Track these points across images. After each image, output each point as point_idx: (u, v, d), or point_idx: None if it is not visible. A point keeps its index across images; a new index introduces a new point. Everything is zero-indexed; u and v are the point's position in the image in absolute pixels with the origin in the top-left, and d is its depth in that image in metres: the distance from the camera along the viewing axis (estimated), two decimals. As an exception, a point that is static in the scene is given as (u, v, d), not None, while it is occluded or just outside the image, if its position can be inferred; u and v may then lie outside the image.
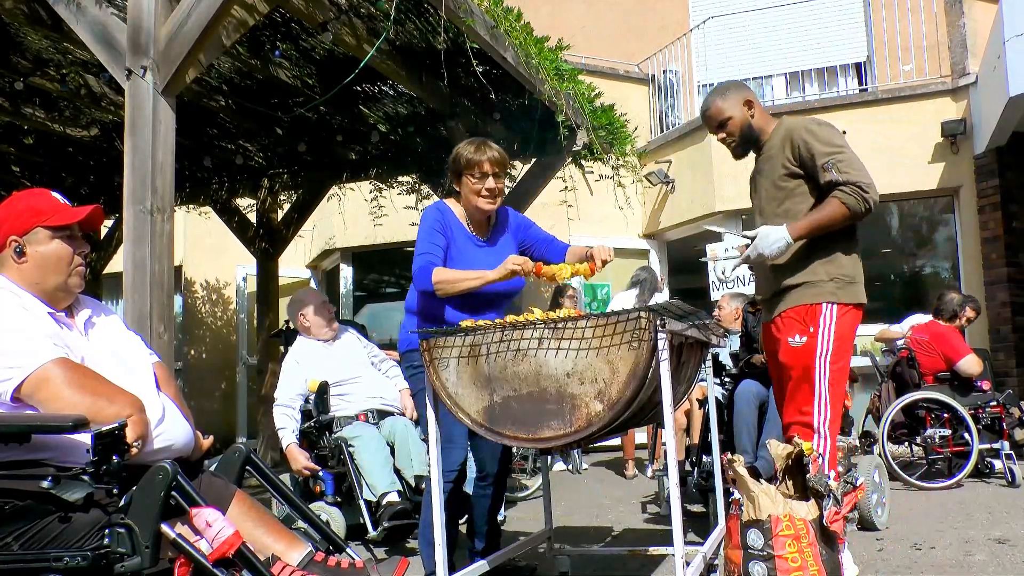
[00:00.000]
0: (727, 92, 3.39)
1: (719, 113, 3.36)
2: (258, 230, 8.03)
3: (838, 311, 3.11)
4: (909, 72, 9.29)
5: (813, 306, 3.12)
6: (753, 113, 3.33)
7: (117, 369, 2.31)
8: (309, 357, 4.81)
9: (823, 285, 3.13)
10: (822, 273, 3.14)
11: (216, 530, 1.96)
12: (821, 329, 3.10)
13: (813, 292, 3.14)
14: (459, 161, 3.26)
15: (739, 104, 3.33)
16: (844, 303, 3.12)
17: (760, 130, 3.33)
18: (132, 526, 1.93)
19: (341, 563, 2.31)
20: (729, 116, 3.33)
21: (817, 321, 3.11)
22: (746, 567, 2.71)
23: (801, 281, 3.17)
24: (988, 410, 5.98)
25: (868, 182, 3.04)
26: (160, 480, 1.96)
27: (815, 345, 3.09)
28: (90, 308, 2.47)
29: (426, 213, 3.30)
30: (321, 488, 4.61)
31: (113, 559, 1.92)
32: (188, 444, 2.38)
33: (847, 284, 3.14)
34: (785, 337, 3.19)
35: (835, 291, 3.12)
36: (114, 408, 2.09)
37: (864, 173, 3.06)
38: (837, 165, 3.06)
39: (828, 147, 3.10)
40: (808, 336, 3.11)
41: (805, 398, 3.11)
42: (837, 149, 3.10)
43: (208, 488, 2.29)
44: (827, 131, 3.17)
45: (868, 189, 3.03)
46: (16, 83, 5.54)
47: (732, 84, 3.48)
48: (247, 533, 2.16)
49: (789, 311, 3.18)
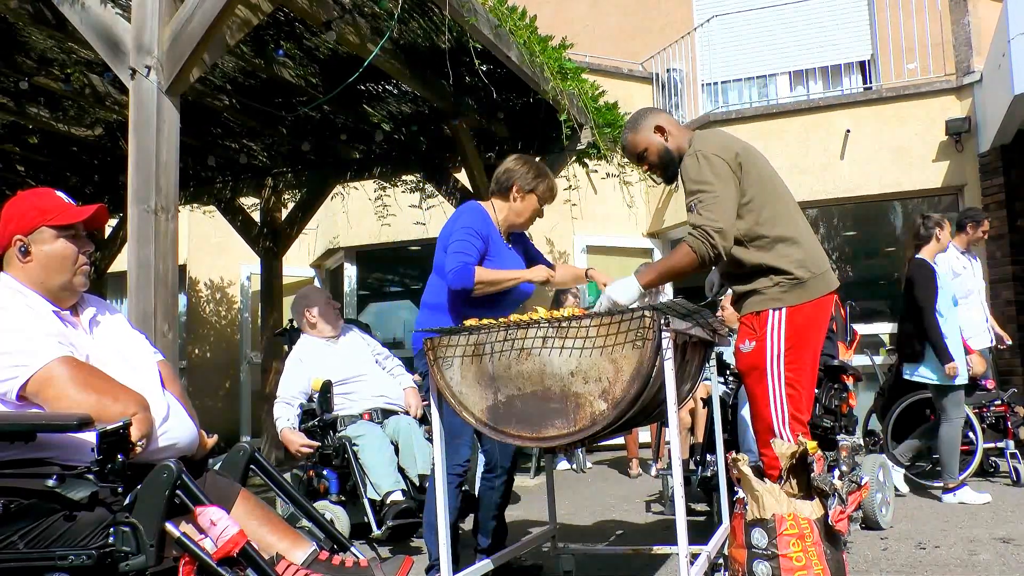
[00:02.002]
0: (636, 123, 3.33)
1: (634, 147, 3.32)
2: (262, 229, 8.03)
3: (787, 314, 3.05)
4: (913, 70, 9.27)
5: (760, 314, 3.09)
6: (667, 136, 3.27)
7: (122, 367, 2.31)
8: (312, 355, 4.82)
9: (767, 291, 3.08)
10: (764, 280, 3.09)
11: (220, 529, 1.96)
12: (769, 334, 3.05)
13: (759, 299, 3.11)
14: (522, 180, 3.46)
15: (650, 132, 3.28)
16: (794, 305, 3.06)
17: (680, 151, 3.25)
18: (136, 525, 1.94)
19: (345, 562, 2.32)
20: (644, 147, 3.29)
21: (764, 326, 3.07)
22: (750, 566, 2.71)
23: (747, 289, 3.15)
24: (992, 409, 5.96)
25: (719, 227, 2.94)
26: (165, 479, 1.96)
27: (764, 349, 3.06)
28: (95, 306, 2.47)
29: (467, 213, 3.40)
30: (325, 487, 4.61)
31: (118, 558, 1.93)
32: (192, 442, 2.39)
33: (793, 285, 3.06)
34: (738, 344, 3.19)
35: (780, 295, 3.06)
36: (119, 407, 2.09)
37: (722, 214, 2.97)
38: (698, 206, 3.00)
39: (694, 185, 3.04)
40: (756, 340, 3.08)
41: (763, 401, 3.07)
42: (701, 187, 3.01)
43: (212, 487, 2.30)
44: (700, 166, 3.05)
45: (715, 235, 2.93)
46: (20, 83, 5.55)
47: (640, 113, 3.39)
48: (251, 532, 2.16)
49: (742, 319, 3.18)
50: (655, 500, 5.74)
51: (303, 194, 7.84)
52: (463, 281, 3.21)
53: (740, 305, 3.21)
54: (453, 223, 3.40)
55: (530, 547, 3.64)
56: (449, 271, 3.24)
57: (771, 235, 3.08)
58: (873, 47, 10.16)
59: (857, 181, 8.64)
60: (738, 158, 3.07)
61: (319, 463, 4.70)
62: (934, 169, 8.57)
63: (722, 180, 3.00)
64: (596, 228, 9.63)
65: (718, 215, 2.95)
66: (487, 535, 3.63)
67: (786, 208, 3.16)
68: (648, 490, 6.26)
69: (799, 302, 3.06)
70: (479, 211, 3.43)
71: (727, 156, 3.05)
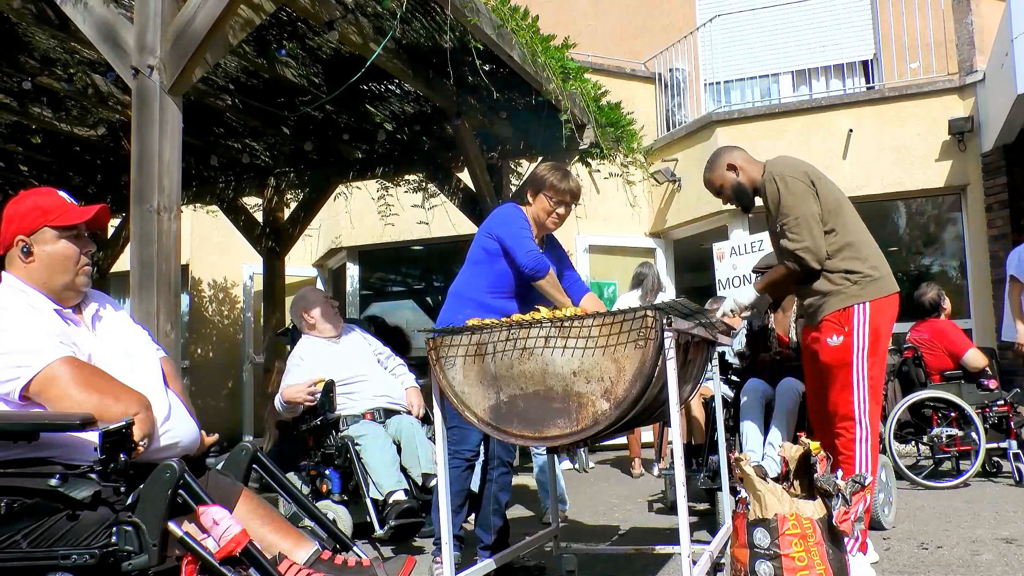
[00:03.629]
0: (712, 164, 3.87)
1: (711, 185, 3.89)
2: (264, 229, 8.04)
3: (870, 308, 3.49)
4: (916, 70, 9.25)
5: (846, 310, 3.51)
6: (739, 172, 3.78)
7: (124, 365, 2.32)
8: (314, 355, 4.82)
9: (848, 289, 3.52)
10: (841, 280, 3.54)
11: (223, 528, 1.96)
12: (856, 328, 3.48)
13: (841, 298, 3.53)
14: (543, 183, 3.58)
15: (723, 170, 3.81)
16: (873, 299, 3.50)
17: (752, 182, 3.77)
18: (139, 524, 1.94)
19: (348, 561, 2.32)
20: (720, 184, 3.84)
21: (851, 321, 3.49)
22: (752, 566, 2.71)
23: (828, 290, 3.57)
24: (995, 409, 5.95)
25: (805, 246, 3.51)
26: (167, 478, 1.96)
27: (851, 343, 3.48)
28: (97, 302, 2.48)
29: (512, 212, 3.56)
30: (328, 487, 4.61)
31: (120, 557, 1.93)
32: (194, 441, 2.39)
33: (870, 282, 3.52)
34: (825, 339, 3.56)
35: (859, 292, 3.51)
36: (121, 406, 2.10)
37: (807, 234, 3.51)
38: (786, 231, 3.55)
39: (779, 211, 3.58)
40: (844, 336, 3.50)
41: (846, 391, 3.49)
42: (785, 213, 3.55)
43: (214, 486, 2.30)
44: (779, 191, 3.58)
45: (804, 255, 3.52)
46: (23, 83, 5.56)
47: (716, 153, 3.91)
48: (254, 531, 2.16)
49: (827, 317, 3.56)
50: (657, 500, 5.74)
51: (305, 194, 7.84)
52: (542, 270, 3.40)
53: (822, 306, 3.59)
54: (504, 220, 3.53)
55: (532, 547, 3.64)
56: (528, 252, 3.39)
57: (844, 242, 3.56)
58: (876, 46, 10.15)
59: (859, 181, 8.63)
60: (808, 176, 3.58)
61: (321, 463, 4.70)
62: (936, 169, 8.56)
63: (800, 198, 3.53)
64: (599, 228, 9.62)
65: (804, 236, 3.51)
66: (488, 531, 3.64)
67: (853, 217, 3.65)
68: (650, 490, 6.26)
69: (878, 296, 3.52)
70: (520, 211, 3.59)
71: (798, 175, 3.58)
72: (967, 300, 8.48)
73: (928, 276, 9.19)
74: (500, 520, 3.68)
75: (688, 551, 2.57)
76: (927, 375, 6.21)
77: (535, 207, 3.60)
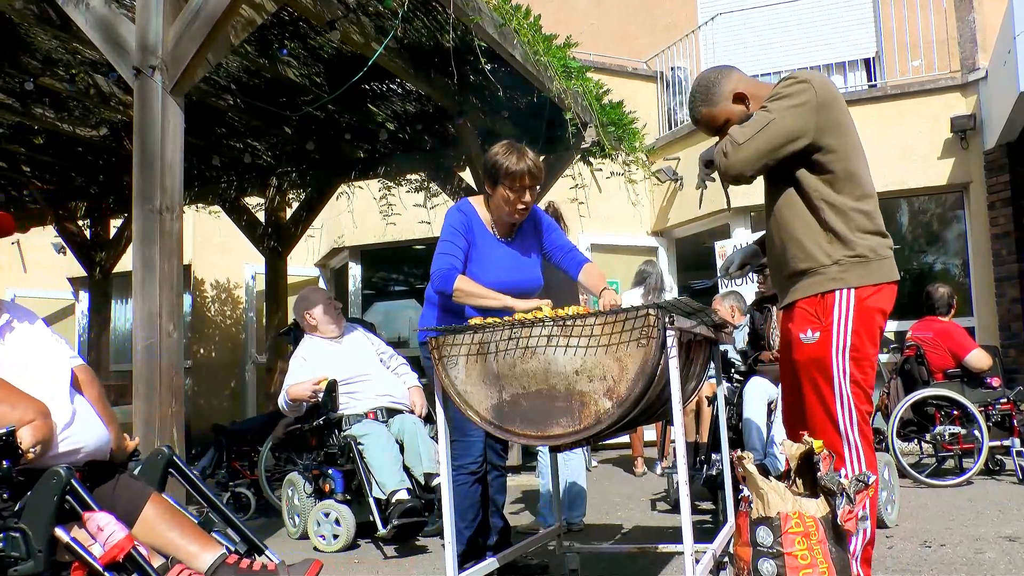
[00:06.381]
0: (711, 93, 2.92)
1: (712, 121, 2.94)
2: (267, 229, 8.05)
3: (856, 296, 2.66)
4: (918, 67, 9.24)
5: (824, 296, 2.69)
6: (748, 104, 2.89)
7: (25, 374, 2.33)
8: (316, 355, 4.83)
9: (828, 270, 2.69)
10: (823, 256, 2.70)
11: (107, 534, 1.97)
12: (836, 321, 2.67)
13: (821, 279, 2.70)
14: (497, 170, 3.18)
15: (728, 102, 2.90)
16: (862, 285, 2.67)
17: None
18: (26, 530, 1.94)
19: (253, 565, 2.33)
20: (725, 120, 2.90)
21: (831, 312, 2.68)
22: (755, 564, 2.70)
23: (806, 267, 2.73)
24: (998, 407, 5.95)
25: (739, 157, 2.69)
26: (54, 484, 1.97)
27: (829, 340, 2.68)
28: (9, 313, 2.49)
29: (449, 214, 3.30)
30: (331, 486, 4.62)
31: (7, 563, 1.94)
32: (101, 446, 2.39)
33: (860, 263, 2.68)
34: (796, 332, 2.76)
35: (842, 275, 2.68)
36: (16, 413, 2.11)
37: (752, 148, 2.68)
38: (746, 124, 2.76)
39: (769, 105, 2.75)
40: (821, 330, 2.69)
41: (827, 399, 2.72)
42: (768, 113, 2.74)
43: (124, 490, 2.31)
44: (787, 93, 2.76)
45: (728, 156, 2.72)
46: (26, 83, 5.57)
47: (713, 79, 2.96)
48: (160, 535, 2.20)
49: (801, 302, 2.76)
50: (660, 498, 5.74)
51: (308, 193, 7.85)
52: (442, 284, 3.12)
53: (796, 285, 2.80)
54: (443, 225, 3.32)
55: (535, 545, 3.64)
56: (433, 272, 3.16)
57: (846, 169, 2.81)
58: (878, 44, 10.13)
59: (862, 179, 8.60)
60: (838, 102, 2.89)
61: (324, 463, 4.70)
62: (939, 167, 8.55)
63: (795, 111, 2.75)
64: (601, 227, 9.62)
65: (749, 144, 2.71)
66: (493, 532, 3.63)
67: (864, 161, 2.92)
68: (653, 488, 6.25)
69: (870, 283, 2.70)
70: (459, 212, 3.29)
71: (829, 92, 2.84)
72: (969, 298, 8.46)
73: (930, 274, 9.18)
74: (500, 520, 3.68)
75: (691, 550, 2.57)
76: (930, 373, 6.20)
77: (496, 199, 3.25)
